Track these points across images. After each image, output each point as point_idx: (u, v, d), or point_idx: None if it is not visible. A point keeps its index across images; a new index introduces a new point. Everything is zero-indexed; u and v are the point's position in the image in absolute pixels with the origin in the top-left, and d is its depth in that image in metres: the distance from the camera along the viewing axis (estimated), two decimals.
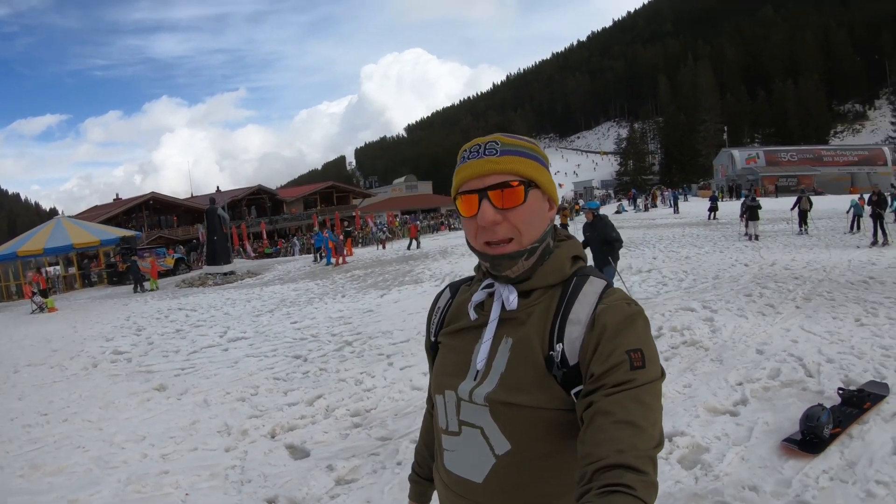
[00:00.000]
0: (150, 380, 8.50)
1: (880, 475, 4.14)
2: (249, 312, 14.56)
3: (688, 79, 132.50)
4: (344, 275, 22.15)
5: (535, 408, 1.24)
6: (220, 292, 20.71)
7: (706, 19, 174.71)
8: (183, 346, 10.96)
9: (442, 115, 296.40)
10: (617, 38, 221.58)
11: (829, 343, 7.50)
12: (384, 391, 6.92)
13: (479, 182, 1.29)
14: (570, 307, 1.28)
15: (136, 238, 34.98)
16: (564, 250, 1.38)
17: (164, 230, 54.76)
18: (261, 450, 5.38)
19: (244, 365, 8.91)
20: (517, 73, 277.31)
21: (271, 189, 72.48)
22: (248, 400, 7.03)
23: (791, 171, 73.37)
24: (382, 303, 14.09)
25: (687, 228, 28.81)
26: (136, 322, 14.76)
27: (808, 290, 11.11)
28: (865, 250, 16.85)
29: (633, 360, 1.16)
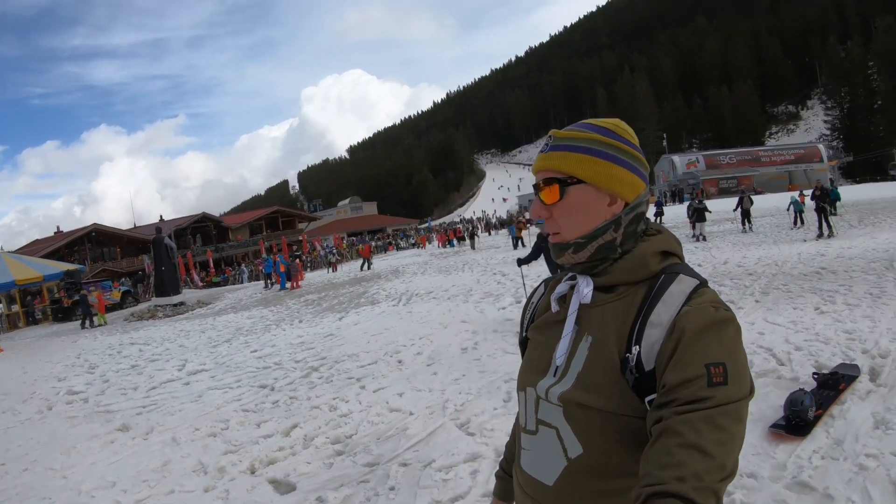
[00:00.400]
0: (111, 420, 8.09)
1: (868, 448, 4.35)
2: (206, 343, 14.15)
3: (625, 90, 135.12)
4: (298, 300, 21.82)
5: (607, 412, 1.19)
6: (171, 324, 20.19)
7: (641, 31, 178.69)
8: (141, 382, 10.49)
9: (384, 135, 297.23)
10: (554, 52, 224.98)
11: (794, 332, 7.74)
12: (361, 415, 6.69)
13: (537, 178, 1.34)
14: (653, 307, 1.20)
15: (81, 272, 34.10)
16: (650, 245, 1.31)
17: (108, 262, 53.54)
18: (242, 487, 5.11)
19: (209, 398, 8.55)
20: (457, 91, 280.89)
21: (216, 216, 71.60)
22: (220, 434, 6.71)
23: (731, 173, 75.95)
24: (342, 326, 13.81)
25: None
26: (87, 359, 14.18)
27: (765, 285, 11.46)
28: (812, 243, 17.57)
29: (713, 375, 1.07)
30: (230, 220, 75.62)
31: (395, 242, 60.21)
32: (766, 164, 78.76)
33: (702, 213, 23.54)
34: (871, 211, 26.37)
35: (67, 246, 53.01)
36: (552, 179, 1.30)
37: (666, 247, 1.32)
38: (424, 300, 15.98)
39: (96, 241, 55.30)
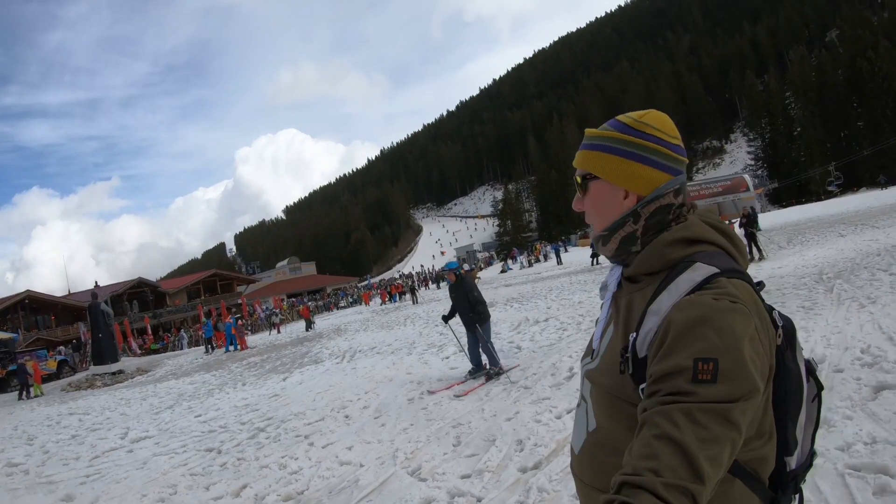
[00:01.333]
0: (54, 490, 7.90)
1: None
2: (148, 410, 13.92)
3: (555, 137, 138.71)
4: (240, 363, 21.59)
5: (612, 395, 1.26)
6: (111, 393, 19.77)
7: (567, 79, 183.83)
8: (82, 451, 10.24)
9: (320, 193, 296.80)
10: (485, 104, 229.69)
11: None
12: (312, 471, 6.71)
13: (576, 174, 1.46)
14: (658, 296, 1.23)
15: (14, 341, 33.16)
16: (670, 234, 1.32)
17: (42, 331, 52.14)
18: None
19: (154, 464, 8.42)
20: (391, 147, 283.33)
21: (152, 281, 70.55)
22: (168, 500, 6.65)
23: None
24: (287, 386, 13.76)
25: (573, 276, 29.68)
26: (25, 431, 13.77)
27: None
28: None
29: (700, 370, 1.04)
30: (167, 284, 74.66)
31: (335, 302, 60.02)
32: (696, 197, 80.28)
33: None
34: (799, 231, 27.60)
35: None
36: (579, 176, 1.45)
37: (689, 234, 1.32)
38: (368, 356, 16.01)
39: (30, 308, 53.97)
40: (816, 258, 16.20)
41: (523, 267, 55.63)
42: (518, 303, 22.03)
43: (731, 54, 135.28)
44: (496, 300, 25.55)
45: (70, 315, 54.59)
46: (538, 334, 13.27)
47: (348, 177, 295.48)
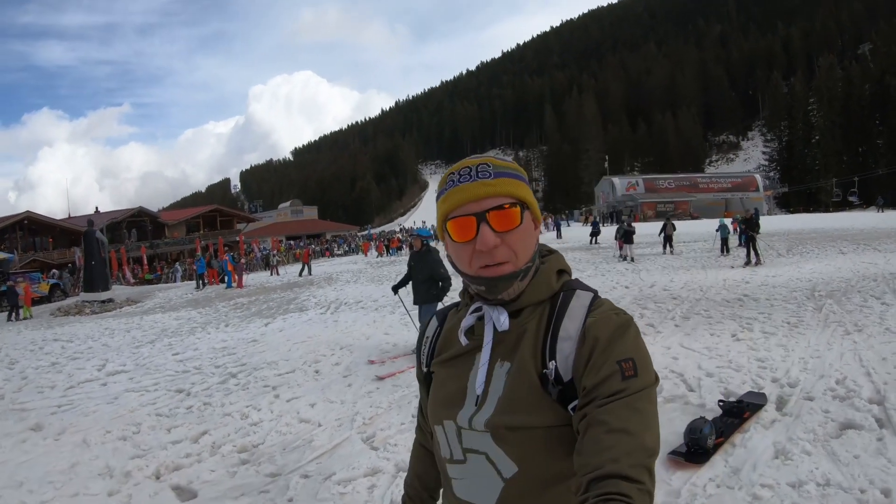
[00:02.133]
0: (24, 419, 8.09)
1: (763, 478, 4.49)
2: (129, 343, 14.10)
3: (573, 110, 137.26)
4: (227, 303, 21.81)
5: (537, 427, 1.24)
6: (97, 321, 19.97)
7: (592, 53, 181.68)
8: (59, 380, 10.44)
9: (330, 139, 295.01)
10: (506, 67, 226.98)
11: (708, 358, 8.04)
12: (271, 425, 6.89)
13: (477, 206, 1.27)
14: (560, 323, 1.28)
15: (9, 261, 33.33)
16: (550, 265, 1.38)
17: (38, 253, 52.18)
18: (146, 492, 5.27)
19: (124, 400, 8.63)
20: (406, 100, 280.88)
21: (153, 211, 70.27)
22: (130, 438, 6.82)
23: (669, 198, 77.13)
24: (267, 332, 13.98)
25: (570, 253, 29.66)
26: (8, 354, 13.97)
27: (687, 310, 11.85)
28: (739, 270, 18.12)
29: (625, 369, 1.17)
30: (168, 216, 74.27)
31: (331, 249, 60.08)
32: (704, 190, 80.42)
33: (630, 236, 24.70)
34: (801, 241, 27.36)
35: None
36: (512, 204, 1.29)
37: (561, 265, 1.40)
38: (353, 309, 16.20)
39: (28, 229, 53.88)
40: (812, 273, 16.15)
41: None
42: None
43: (760, 51, 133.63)
44: None
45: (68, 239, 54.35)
46: None
47: (360, 125, 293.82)
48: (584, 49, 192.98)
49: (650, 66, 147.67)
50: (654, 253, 26.62)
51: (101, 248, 26.61)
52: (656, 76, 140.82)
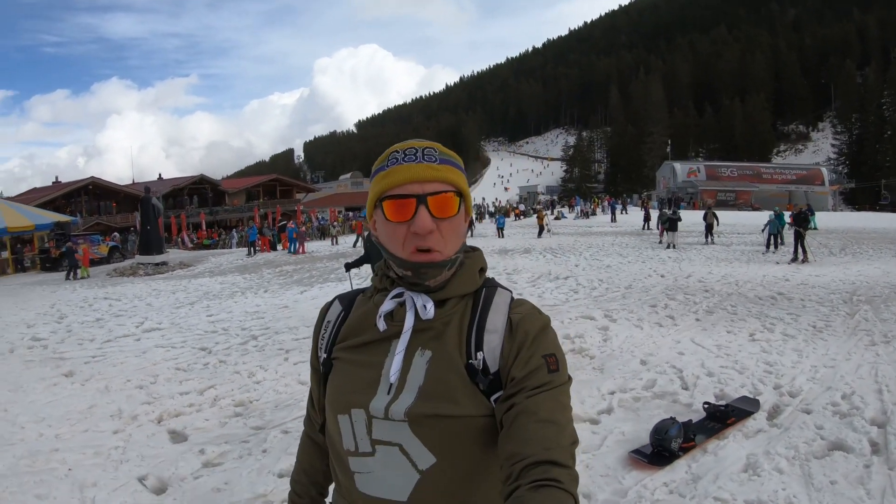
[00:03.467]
0: (60, 366, 8.98)
1: (721, 491, 4.34)
2: (171, 304, 14.96)
3: (639, 91, 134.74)
4: (273, 270, 22.63)
5: (461, 417, 1.24)
6: (148, 283, 20.96)
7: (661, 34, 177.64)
8: (99, 334, 11.39)
9: (394, 112, 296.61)
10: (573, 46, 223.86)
11: (714, 357, 7.89)
12: (271, 384, 7.52)
13: (420, 187, 1.26)
14: (486, 316, 1.31)
15: (72, 224, 34.59)
16: (475, 261, 1.40)
17: (102, 217, 53.94)
18: (145, 433, 5.99)
19: (151, 354, 9.45)
20: (471, 76, 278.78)
21: (214, 179, 71.53)
22: (146, 388, 7.59)
23: (730, 186, 74.87)
24: (301, 299, 14.70)
25: (619, 237, 29.85)
26: (59, 310, 15.06)
27: (714, 304, 11.68)
28: (784, 266, 17.64)
29: (550, 364, 1.23)
30: (229, 184, 75.31)
31: None
32: (767, 181, 77.36)
33: (674, 223, 24.76)
34: (857, 240, 26.32)
35: (65, 196, 53.28)
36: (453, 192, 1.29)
37: (483, 263, 1.43)
38: None
39: (93, 194, 55.60)
40: (858, 275, 15.42)
41: (577, 217, 55.15)
42: (552, 254, 22.53)
43: (834, 38, 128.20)
44: (534, 247, 26.04)
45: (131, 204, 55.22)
46: (549, 292, 13.74)
47: (424, 99, 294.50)
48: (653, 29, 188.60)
49: (720, 49, 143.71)
50: (698, 242, 26.50)
51: (157, 214, 27.64)
52: (726, 60, 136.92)
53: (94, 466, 5.25)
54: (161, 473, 5.05)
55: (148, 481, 4.93)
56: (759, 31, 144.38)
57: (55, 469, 5.22)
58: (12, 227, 30.91)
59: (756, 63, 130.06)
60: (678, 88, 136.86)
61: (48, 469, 5.23)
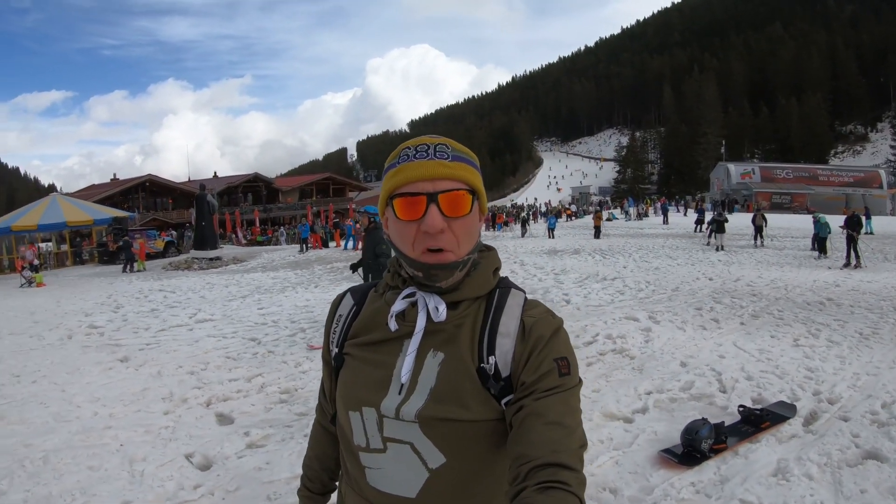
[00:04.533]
0: (115, 352, 9.36)
1: (747, 494, 4.28)
2: (224, 297, 15.34)
3: (692, 90, 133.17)
4: (324, 266, 23.02)
5: (472, 421, 1.23)
6: (202, 276, 21.47)
7: (714, 32, 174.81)
8: (154, 324, 11.79)
9: (446, 112, 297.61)
10: (625, 45, 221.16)
11: (755, 361, 7.74)
12: (317, 373, 7.67)
13: (431, 185, 1.23)
14: (499, 320, 1.29)
15: (130, 219, 35.61)
16: (489, 262, 1.38)
17: (158, 213, 55.45)
18: (194, 415, 6.25)
19: (203, 343, 9.76)
20: (523, 75, 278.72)
21: (267, 177, 72.53)
22: (197, 374, 7.88)
23: (786, 189, 73.10)
24: None
25: (670, 240, 29.63)
26: (116, 300, 15.59)
27: (760, 308, 11.43)
28: (836, 271, 17.18)
29: (561, 367, 1.22)
30: (282, 182, 76.25)
31: None
32: (824, 183, 75.17)
33: (721, 225, 24.77)
34: None
35: (122, 193, 54.89)
36: (466, 190, 1.26)
37: (497, 264, 1.40)
38: None
39: (150, 191, 57.11)
40: None
41: (629, 219, 54.65)
42: (601, 255, 22.54)
43: (893, 36, 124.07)
44: (584, 248, 26.01)
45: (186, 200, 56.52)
46: (595, 293, 13.68)
47: (476, 99, 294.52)
48: (707, 27, 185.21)
49: (775, 47, 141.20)
50: (748, 245, 26.22)
51: (212, 211, 28.22)
52: (781, 58, 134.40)
53: (144, 443, 5.51)
54: (207, 452, 5.27)
55: (194, 458, 5.16)
56: (815, 29, 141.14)
57: (107, 444, 5.49)
58: (72, 221, 32.15)
59: (812, 61, 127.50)
60: (732, 87, 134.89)
61: (101, 444, 5.50)
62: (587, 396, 6.35)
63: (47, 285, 21.36)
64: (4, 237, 31.74)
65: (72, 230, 33.31)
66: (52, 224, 31.86)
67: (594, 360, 7.93)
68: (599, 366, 7.71)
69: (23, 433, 5.86)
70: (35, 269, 22.95)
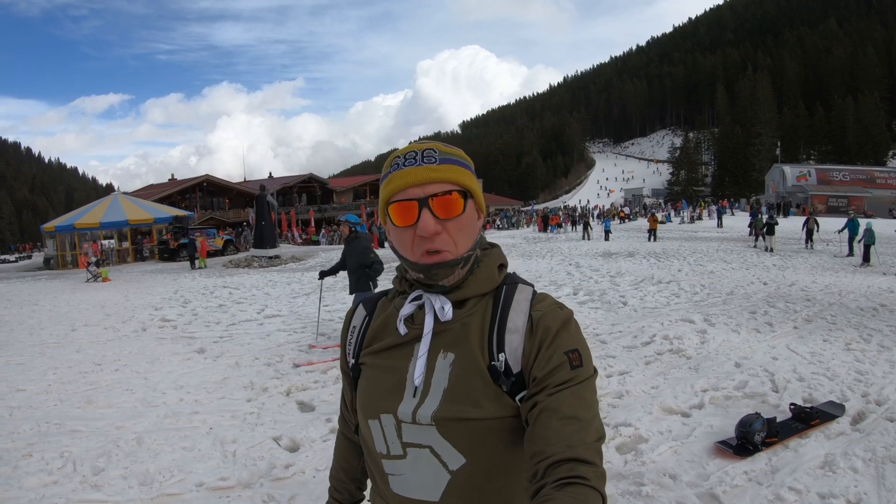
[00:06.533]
0: (191, 344, 9.70)
1: (796, 483, 4.51)
2: (288, 294, 15.64)
3: (746, 90, 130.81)
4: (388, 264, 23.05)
5: (488, 419, 1.24)
6: (263, 274, 21.89)
7: (767, 29, 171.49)
8: (224, 318, 12.16)
9: (497, 113, 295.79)
10: (677, 44, 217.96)
11: (807, 363, 7.83)
12: None
13: (420, 190, 1.26)
14: (507, 316, 1.30)
15: (189, 218, 36.33)
16: (493, 258, 1.39)
17: (215, 212, 56.51)
18: (276, 403, 6.47)
19: (275, 338, 10.05)
20: (574, 76, 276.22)
21: (322, 178, 73.44)
22: (274, 365, 8.15)
23: (842, 192, 71.25)
24: None
25: (724, 243, 29.13)
26: (183, 295, 16.05)
27: (813, 313, 11.34)
28: (891, 277, 16.77)
29: (572, 360, 1.21)
30: (336, 182, 77.10)
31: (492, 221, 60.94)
32: (881, 186, 73.36)
33: (772, 228, 25.32)
34: None
35: (180, 193, 56.04)
36: (457, 191, 1.28)
37: (502, 260, 1.41)
38: None
39: (207, 190, 58.16)
40: None
41: (683, 222, 54.02)
42: (656, 258, 22.35)
43: None
44: (638, 250, 25.89)
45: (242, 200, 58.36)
46: (651, 295, 13.69)
47: (527, 100, 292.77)
48: (760, 25, 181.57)
49: (830, 44, 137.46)
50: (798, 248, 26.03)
51: (271, 211, 28.67)
52: (837, 56, 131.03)
53: (232, 427, 5.73)
54: (293, 435, 5.48)
55: (282, 441, 5.38)
56: (870, 25, 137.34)
57: (197, 427, 5.73)
58: (133, 219, 33.03)
59: (868, 59, 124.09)
60: (787, 87, 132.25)
61: (191, 427, 5.74)
62: (646, 392, 6.66)
63: (112, 280, 21.96)
64: (68, 234, 32.82)
65: (133, 228, 34.17)
66: (114, 222, 32.91)
67: (652, 360, 8.07)
68: (657, 364, 7.85)
69: (113, 416, 6.14)
70: (99, 264, 23.60)
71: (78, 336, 10.83)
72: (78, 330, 11.48)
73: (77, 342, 10.23)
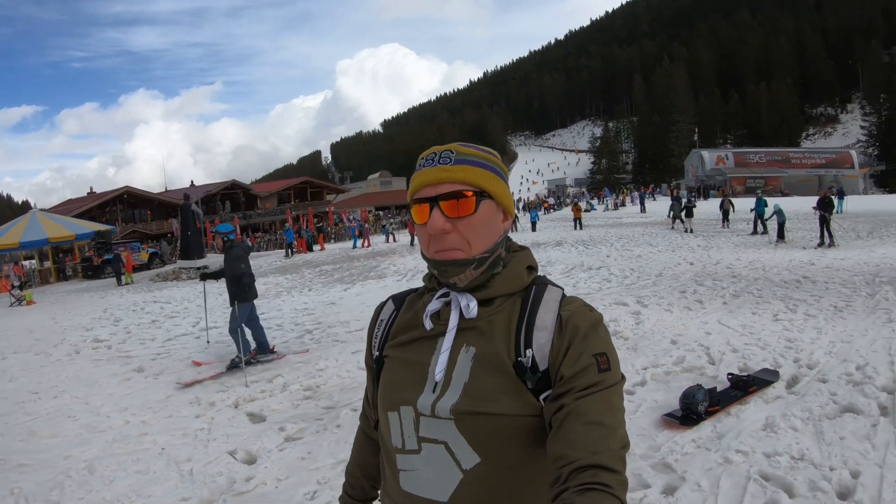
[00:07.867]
0: (129, 363, 9.49)
1: (742, 445, 4.82)
2: (221, 305, 15.31)
3: (662, 79, 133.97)
4: (313, 269, 23.25)
5: (507, 415, 1.23)
6: (193, 286, 21.48)
7: (682, 21, 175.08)
8: (158, 334, 11.95)
9: (418, 110, 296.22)
10: (594, 37, 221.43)
11: (739, 335, 8.28)
12: (334, 370, 7.96)
13: (432, 190, 1.29)
14: (535, 313, 1.30)
15: (111, 232, 35.47)
16: (521, 260, 1.40)
17: (138, 224, 55.19)
18: (225, 416, 6.44)
19: (214, 350, 9.95)
20: (494, 71, 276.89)
21: (245, 184, 72.35)
22: (217, 378, 8.07)
23: (759, 173, 74.17)
24: (345, 296, 15.14)
25: (649, 227, 30.21)
26: (113, 314, 15.68)
27: (740, 288, 11.93)
28: (810, 251, 17.52)
29: (600, 363, 1.20)
30: (260, 188, 75.94)
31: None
32: (796, 166, 76.97)
33: (690, 211, 27.29)
34: (886, 223, 25.88)
35: (100, 206, 54.40)
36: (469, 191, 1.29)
37: (531, 262, 1.42)
38: None
39: (128, 203, 56.70)
40: (883, 257, 15.20)
41: (607, 209, 55.32)
42: (584, 246, 22.92)
43: (859, 18, 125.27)
44: (566, 239, 26.33)
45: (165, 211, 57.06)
46: (583, 282, 14.08)
47: (448, 97, 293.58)
48: (675, 16, 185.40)
49: (743, 33, 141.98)
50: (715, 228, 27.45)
51: (197, 220, 28.15)
52: (750, 45, 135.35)
53: (185, 445, 5.69)
54: (248, 448, 5.49)
55: (238, 455, 5.37)
56: (781, 14, 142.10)
57: (148, 449, 5.67)
58: (54, 237, 31.86)
59: (780, 47, 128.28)
60: (702, 75, 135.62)
61: (142, 449, 5.67)
62: None
63: (37, 303, 21.26)
64: None
65: (53, 246, 33.11)
66: (35, 241, 31.50)
67: None
68: None
69: (59, 446, 6.01)
70: (22, 286, 22.90)
71: (9, 364, 10.47)
72: (8, 358, 11.09)
73: (9, 371, 9.89)
